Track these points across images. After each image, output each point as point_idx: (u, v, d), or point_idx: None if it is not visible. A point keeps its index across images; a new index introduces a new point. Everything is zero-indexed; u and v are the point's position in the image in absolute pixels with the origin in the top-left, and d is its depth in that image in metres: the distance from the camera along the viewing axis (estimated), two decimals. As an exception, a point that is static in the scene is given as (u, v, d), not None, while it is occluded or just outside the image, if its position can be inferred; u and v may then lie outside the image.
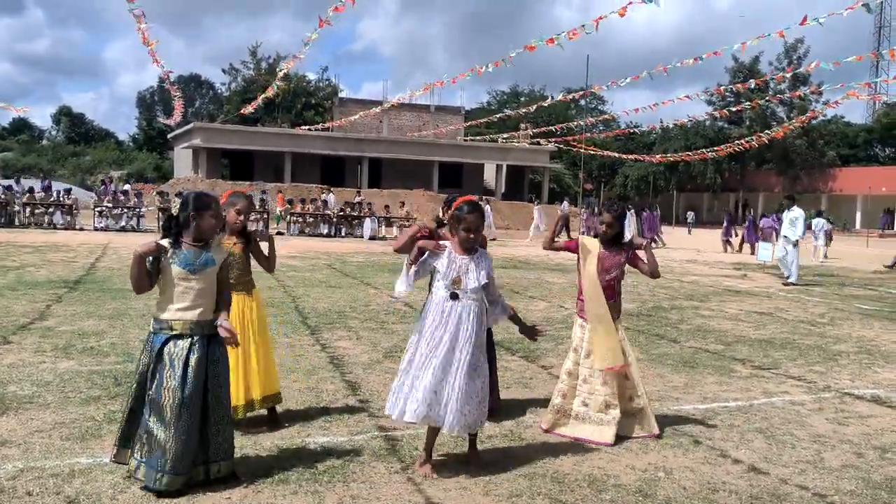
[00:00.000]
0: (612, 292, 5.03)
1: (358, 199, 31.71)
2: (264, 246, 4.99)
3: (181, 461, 3.77)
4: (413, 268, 4.22)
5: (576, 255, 5.14)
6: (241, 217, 4.84)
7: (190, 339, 3.86)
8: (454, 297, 4.18)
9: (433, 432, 4.29)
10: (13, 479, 3.89)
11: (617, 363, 4.91)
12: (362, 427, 4.99)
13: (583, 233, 26.11)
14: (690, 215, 47.19)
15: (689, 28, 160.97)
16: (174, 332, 3.86)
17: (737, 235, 27.57)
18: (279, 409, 5.06)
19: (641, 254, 5.11)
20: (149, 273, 3.86)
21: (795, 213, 15.69)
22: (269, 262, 4.98)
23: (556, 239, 5.30)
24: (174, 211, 3.97)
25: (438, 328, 4.17)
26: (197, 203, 3.93)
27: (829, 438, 5.12)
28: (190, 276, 3.87)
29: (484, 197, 36.04)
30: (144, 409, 3.83)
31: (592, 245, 5.05)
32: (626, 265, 5.10)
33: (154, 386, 3.81)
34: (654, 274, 5.08)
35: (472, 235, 4.23)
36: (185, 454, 3.78)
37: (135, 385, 3.91)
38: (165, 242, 3.89)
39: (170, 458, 3.74)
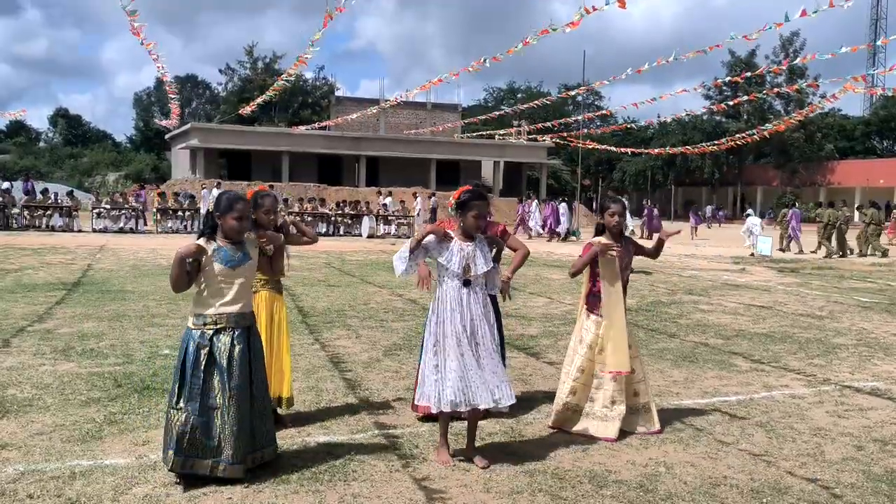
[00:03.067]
0: (624, 288, 5.05)
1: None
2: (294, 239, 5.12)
3: (239, 451, 3.91)
4: (413, 251, 4.33)
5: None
6: (272, 216, 4.83)
7: (232, 333, 4.01)
8: (467, 283, 4.34)
9: (446, 421, 4.39)
10: (14, 482, 3.88)
11: (626, 369, 4.91)
12: (363, 426, 4.99)
13: (517, 226, 27.36)
14: (709, 209, 39.56)
15: (685, 24, 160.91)
16: (218, 327, 3.99)
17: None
18: (279, 410, 5.05)
19: (640, 241, 5.18)
20: (188, 273, 3.99)
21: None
22: (310, 237, 5.15)
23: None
24: (211, 208, 4.16)
25: (455, 317, 4.29)
26: (224, 204, 4.07)
27: (830, 431, 5.12)
28: (231, 272, 4.02)
29: (530, 194, 36.67)
30: (189, 404, 3.91)
31: (610, 245, 4.93)
32: (632, 256, 5.13)
33: (203, 381, 3.93)
34: (654, 257, 5.37)
35: (480, 221, 4.39)
36: (241, 443, 3.93)
37: (178, 383, 3.97)
38: (203, 242, 4.04)
39: (228, 448, 3.90)
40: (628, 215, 15.82)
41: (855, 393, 6.18)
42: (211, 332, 3.98)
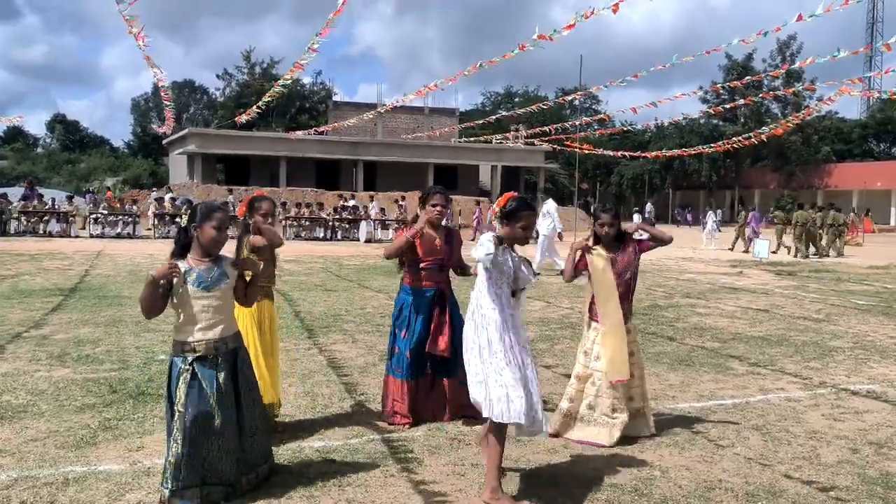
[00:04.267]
0: (627, 292, 4.97)
1: (351, 202, 31.51)
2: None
3: (229, 474, 3.78)
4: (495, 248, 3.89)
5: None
6: (269, 220, 4.84)
7: (216, 360, 3.77)
8: (514, 294, 4.06)
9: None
10: (7, 488, 3.87)
11: (625, 377, 4.83)
12: (358, 431, 4.98)
13: (475, 230, 27.50)
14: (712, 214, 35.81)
15: (682, 27, 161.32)
16: (198, 355, 3.74)
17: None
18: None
19: (644, 234, 5.06)
20: (163, 296, 3.71)
21: (547, 207, 16.92)
22: (271, 240, 4.88)
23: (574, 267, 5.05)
24: (183, 222, 3.83)
25: (507, 325, 3.99)
26: (200, 214, 3.78)
27: (825, 434, 5.12)
28: (205, 293, 3.75)
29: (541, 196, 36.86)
30: (178, 434, 3.66)
31: (600, 254, 4.93)
32: (639, 258, 5.01)
33: (188, 408, 3.67)
34: (666, 240, 5.05)
35: (528, 233, 4.12)
36: (230, 468, 3.78)
37: (169, 413, 3.78)
38: (181, 264, 3.74)
39: (216, 475, 3.74)
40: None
41: (851, 396, 6.18)
42: (191, 357, 3.73)
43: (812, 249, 23.72)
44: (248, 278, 4.04)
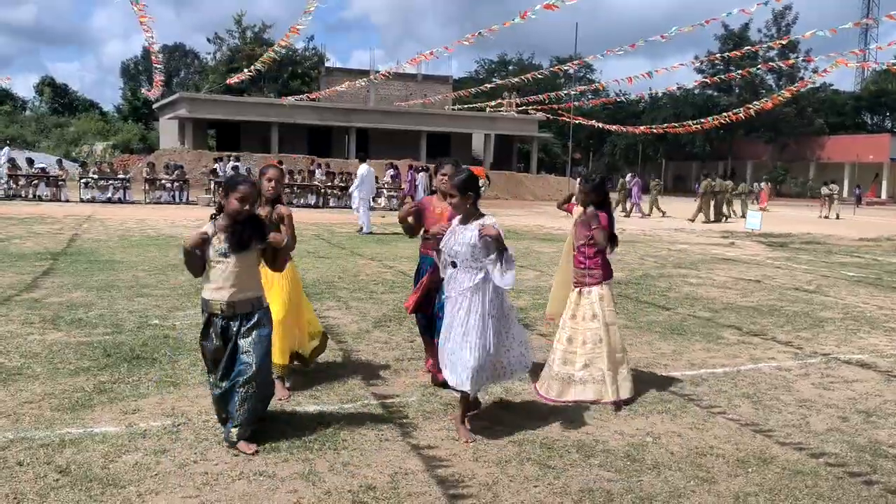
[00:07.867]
0: (579, 257, 5.26)
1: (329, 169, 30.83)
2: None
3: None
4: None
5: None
6: (272, 184, 4.91)
7: (224, 320, 4.05)
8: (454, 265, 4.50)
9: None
10: (3, 449, 3.88)
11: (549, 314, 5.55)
12: (353, 395, 5.00)
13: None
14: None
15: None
16: (212, 312, 4.05)
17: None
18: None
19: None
20: (201, 259, 4.00)
21: (361, 170, 17.94)
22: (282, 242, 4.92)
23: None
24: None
25: None
26: (225, 185, 4.08)
27: (815, 403, 5.18)
28: (222, 258, 3.99)
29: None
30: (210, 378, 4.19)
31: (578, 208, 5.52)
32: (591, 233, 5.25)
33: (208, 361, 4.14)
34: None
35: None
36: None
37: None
38: (208, 228, 4.01)
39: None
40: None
41: (840, 365, 6.24)
42: (207, 315, 4.13)
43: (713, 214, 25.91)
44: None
